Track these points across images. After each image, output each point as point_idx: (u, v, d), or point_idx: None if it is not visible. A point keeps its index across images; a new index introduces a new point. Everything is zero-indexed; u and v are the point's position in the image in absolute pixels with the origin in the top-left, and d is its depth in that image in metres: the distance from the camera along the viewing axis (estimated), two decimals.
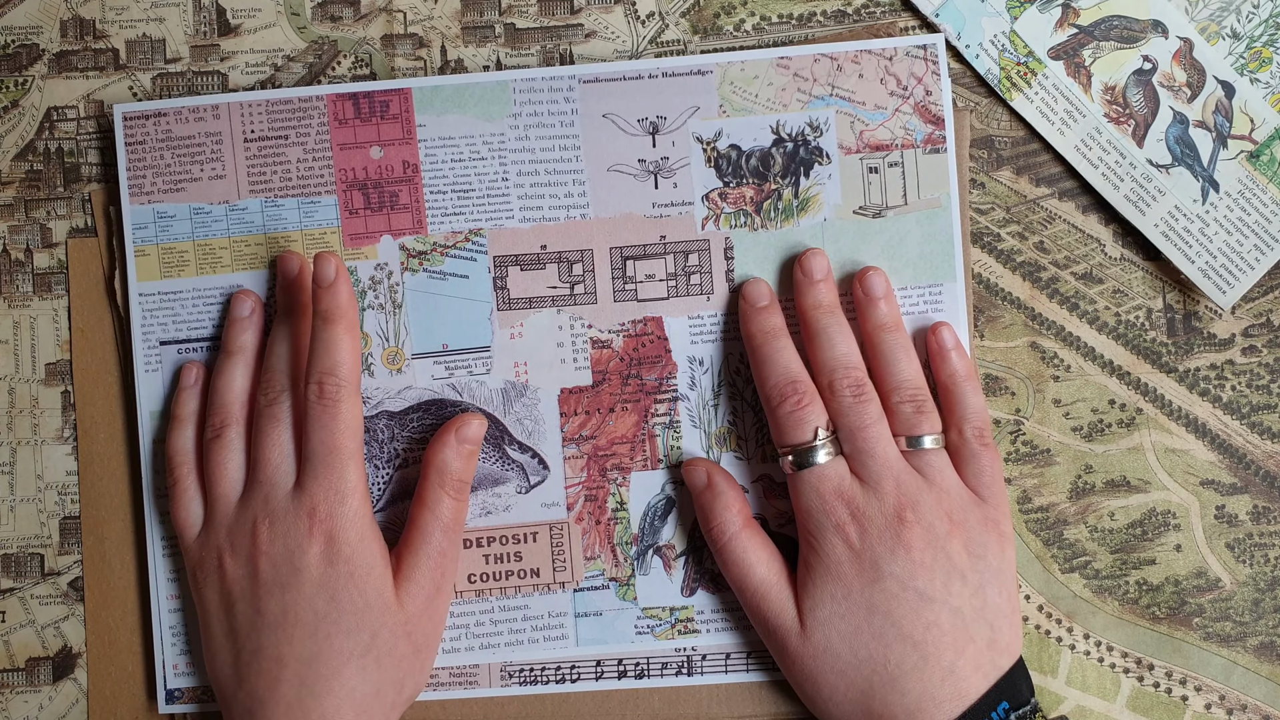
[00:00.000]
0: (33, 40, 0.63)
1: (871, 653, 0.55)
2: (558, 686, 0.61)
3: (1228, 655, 0.62)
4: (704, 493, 0.59)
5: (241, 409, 0.59)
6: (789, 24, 0.63)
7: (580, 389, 0.61)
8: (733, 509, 0.58)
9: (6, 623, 0.62)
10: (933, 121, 0.60)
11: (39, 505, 0.62)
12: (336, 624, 0.55)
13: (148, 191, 0.61)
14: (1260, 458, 0.62)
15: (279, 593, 0.56)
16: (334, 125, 0.61)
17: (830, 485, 0.56)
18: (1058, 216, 0.63)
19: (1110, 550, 0.62)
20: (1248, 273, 0.61)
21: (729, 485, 0.59)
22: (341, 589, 0.55)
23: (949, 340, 0.59)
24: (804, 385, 0.57)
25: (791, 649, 0.56)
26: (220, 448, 0.58)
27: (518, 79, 0.60)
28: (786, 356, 0.58)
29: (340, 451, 0.56)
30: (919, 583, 0.54)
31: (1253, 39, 0.61)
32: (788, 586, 0.57)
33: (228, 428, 0.59)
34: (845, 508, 0.55)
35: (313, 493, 0.56)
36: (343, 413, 0.56)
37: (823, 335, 0.58)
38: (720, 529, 0.58)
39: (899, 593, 0.54)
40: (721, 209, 0.61)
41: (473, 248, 0.61)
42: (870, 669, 0.55)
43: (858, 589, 0.55)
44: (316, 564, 0.56)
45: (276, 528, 0.56)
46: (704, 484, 0.59)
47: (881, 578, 0.55)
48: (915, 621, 0.54)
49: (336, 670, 0.55)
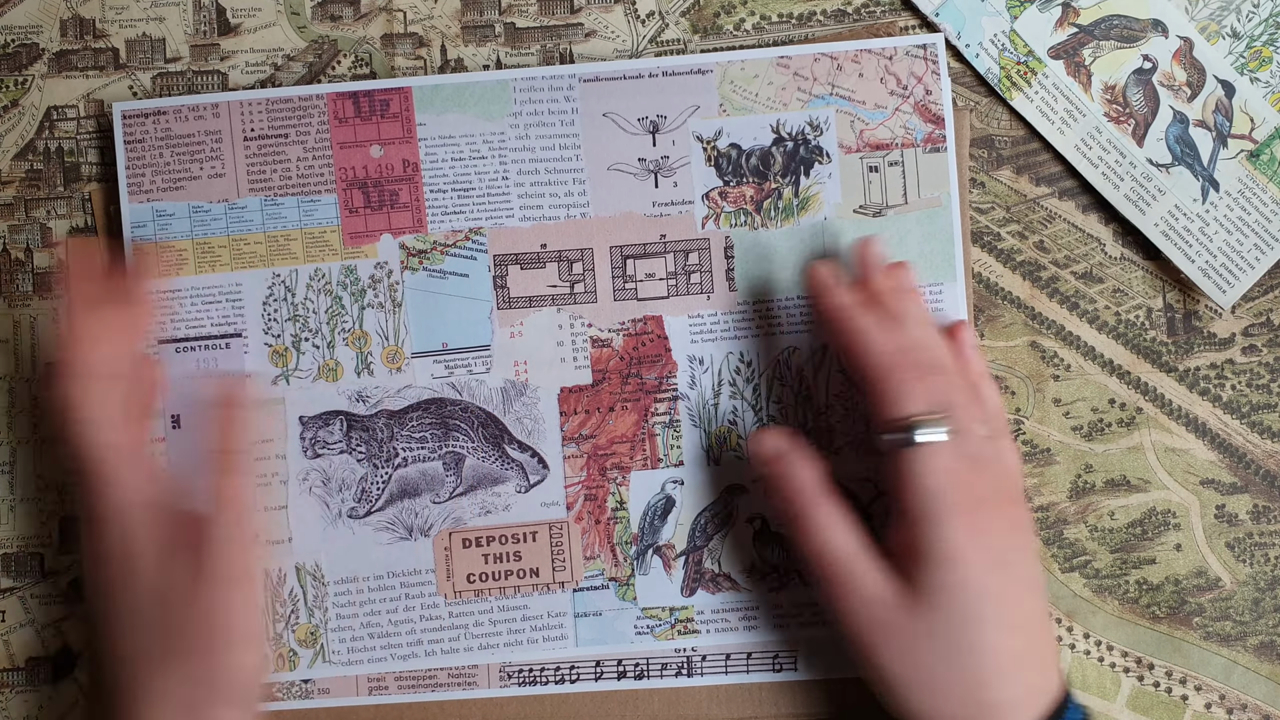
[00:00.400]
0: (33, 40, 0.63)
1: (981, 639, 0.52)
2: (557, 687, 0.61)
3: (1228, 655, 0.62)
4: (779, 460, 0.56)
5: None
6: (789, 23, 0.63)
7: (580, 388, 0.61)
8: (815, 473, 0.55)
9: (6, 623, 0.62)
10: (933, 121, 0.60)
11: (39, 505, 0.62)
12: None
13: (147, 190, 0.61)
14: (1260, 457, 0.62)
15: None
16: (334, 124, 0.61)
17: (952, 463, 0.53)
18: (1058, 216, 0.63)
19: (1110, 550, 0.62)
20: (1248, 272, 0.61)
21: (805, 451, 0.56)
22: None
23: (968, 339, 0.58)
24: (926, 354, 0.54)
25: (888, 620, 0.53)
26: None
27: (518, 78, 0.60)
28: (885, 330, 0.55)
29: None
30: (1023, 570, 0.53)
31: (1253, 38, 0.61)
32: (871, 552, 0.54)
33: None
34: (967, 491, 0.52)
35: None
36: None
37: (909, 317, 0.55)
38: (800, 492, 0.55)
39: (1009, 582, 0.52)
40: (722, 208, 0.61)
41: (473, 247, 0.61)
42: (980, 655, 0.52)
43: (975, 576, 0.52)
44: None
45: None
46: (777, 452, 0.56)
47: (995, 565, 0.52)
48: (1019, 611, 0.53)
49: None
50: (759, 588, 0.60)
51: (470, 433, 0.61)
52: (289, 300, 0.61)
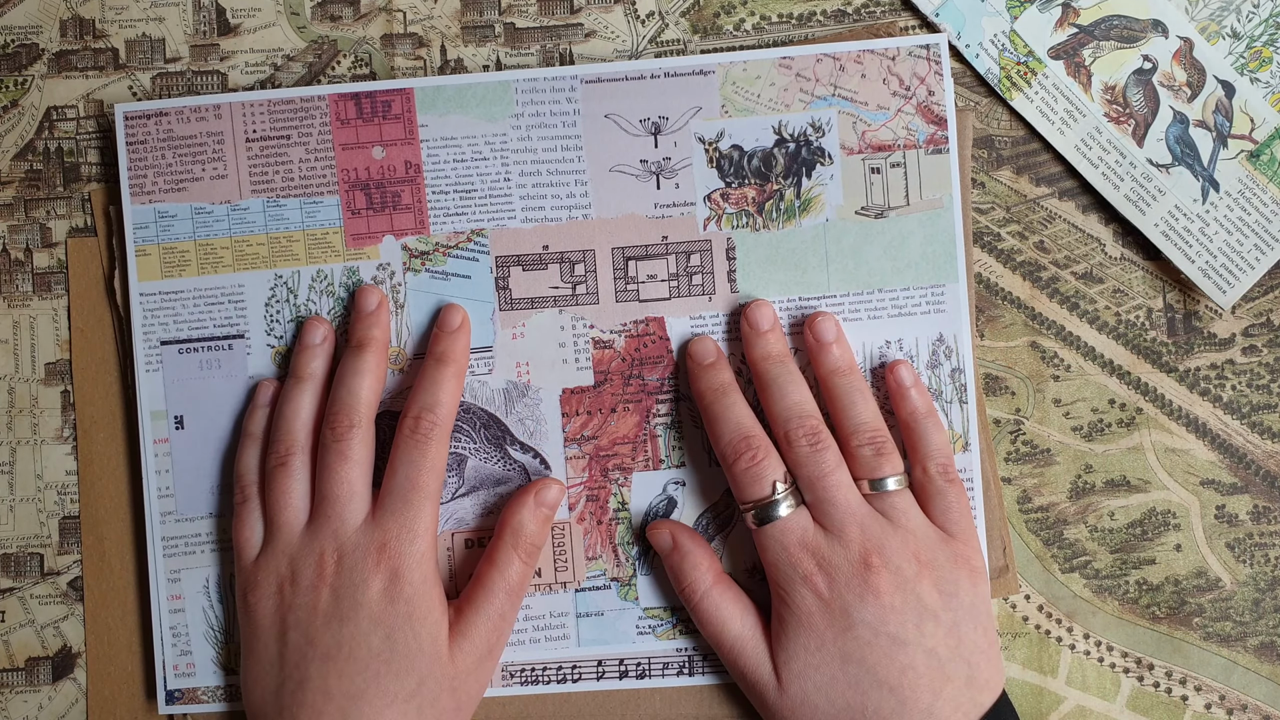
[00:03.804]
0: (32, 40, 0.63)
1: (849, 701, 0.54)
2: (559, 686, 0.61)
3: (1228, 655, 0.62)
4: (671, 554, 0.59)
5: (307, 437, 0.59)
6: (789, 23, 0.63)
7: (582, 389, 0.61)
8: (701, 567, 0.58)
9: (6, 623, 0.62)
10: (935, 122, 0.60)
11: (39, 505, 0.62)
12: (388, 664, 0.55)
13: (149, 191, 0.61)
14: (1260, 457, 0.62)
15: (336, 625, 0.55)
16: (336, 125, 0.60)
17: (794, 537, 0.56)
18: (1058, 216, 0.63)
19: (1110, 550, 0.62)
20: (1248, 272, 0.61)
21: (696, 544, 0.59)
22: (398, 629, 0.55)
23: (907, 378, 0.59)
24: (758, 439, 0.57)
25: (770, 703, 0.56)
26: (284, 475, 0.58)
27: (520, 79, 0.60)
28: (738, 412, 0.58)
29: (422, 490, 0.56)
30: (890, 627, 0.54)
31: (1253, 38, 0.62)
32: (763, 640, 0.57)
33: (293, 455, 0.58)
34: (811, 558, 0.55)
35: (387, 527, 0.56)
36: (432, 452, 0.57)
37: (774, 385, 0.58)
38: (692, 588, 0.58)
39: (871, 639, 0.54)
40: (723, 209, 0.61)
41: (475, 248, 0.61)
42: (849, 718, 0.54)
43: (830, 639, 0.55)
44: (378, 599, 0.55)
45: (345, 560, 0.56)
46: (670, 546, 0.59)
47: (853, 625, 0.54)
48: (890, 666, 0.54)
49: (379, 711, 0.54)
50: (760, 588, 0.60)
51: (472, 434, 0.61)
52: (291, 301, 0.61)
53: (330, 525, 0.56)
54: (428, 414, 0.57)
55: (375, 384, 0.59)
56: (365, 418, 0.58)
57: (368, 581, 0.55)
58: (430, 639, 0.55)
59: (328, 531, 0.56)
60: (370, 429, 0.58)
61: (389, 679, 0.54)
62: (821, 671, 0.55)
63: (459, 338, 0.59)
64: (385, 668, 0.55)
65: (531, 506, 0.58)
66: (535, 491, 0.58)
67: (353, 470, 0.57)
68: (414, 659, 0.55)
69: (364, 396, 0.58)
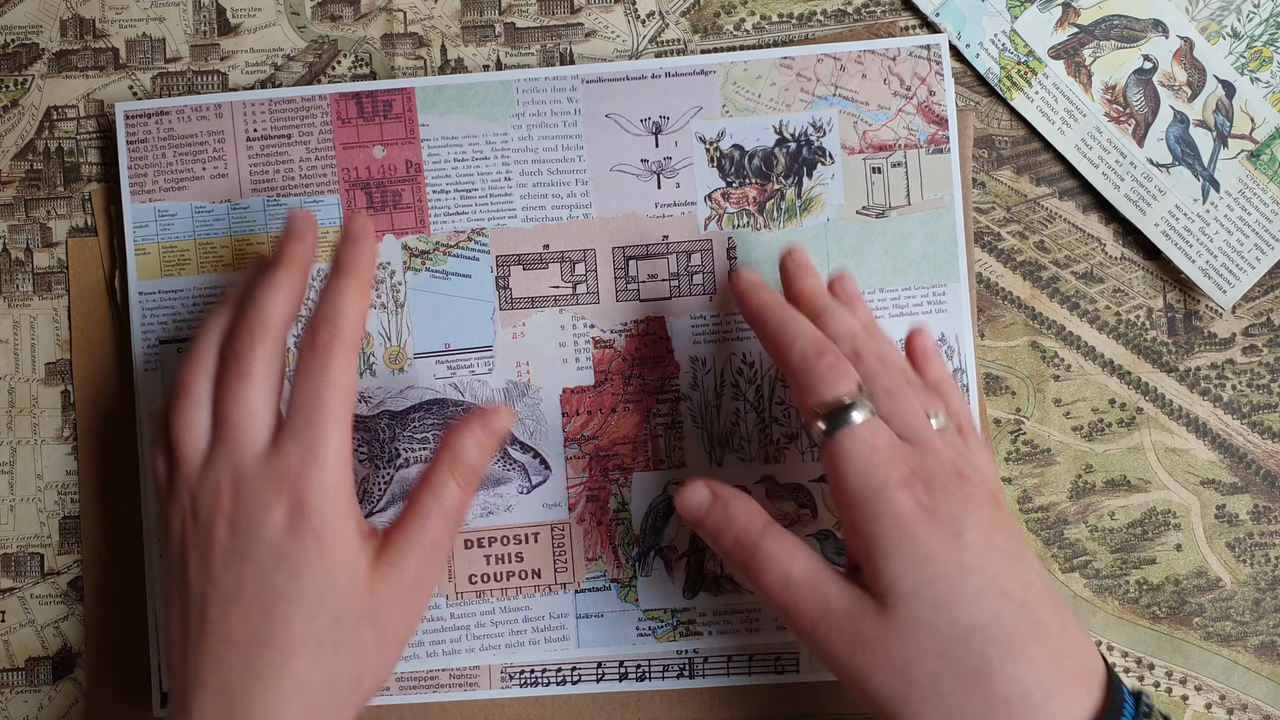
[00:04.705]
0: (33, 40, 0.63)
1: (975, 619, 0.46)
2: (558, 688, 0.61)
3: (1228, 655, 0.62)
4: (712, 508, 0.52)
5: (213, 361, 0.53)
6: (789, 23, 0.63)
7: (582, 389, 0.61)
8: (752, 509, 0.52)
9: (6, 623, 0.62)
10: (936, 122, 0.60)
11: (39, 505, 0.62)
12: (295, 604, 0.48)
13: (149, 190, 0.61)
14: (1261, 457, 0.62)
15: (237, 562, 0.49)
16: (337, 124, 0.60)
17: (884, 440, 0.49)
18: (1058, 216, 0.63)
19: (1110, 550, 0.62)
20: (1248, 272, 0.61)
21: (735, 491, 0.53)
22: (305, 564, 0.49)
23: (930, 345, 0.57)
24: (834, 348, 0.51)
25: (867, 634, 0.47)
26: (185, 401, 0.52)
27: (521, 79, 0.60)
28: (808, 323, 0.52)
29: (324, 408, 0.50)
30: (999, 540, 0.47)
31: (1253, 38, 0.62)
32: (835, 571, 0.49)
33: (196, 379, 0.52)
34: (904, 464, 0.48)
35: (288, 453, 0.49)
36: (333, 367, 0.50)
37: (829, 311, 0.53)
38: (747, 529, 0.51)
39: (986, 549, 0.47)
40: (724, 209, 0.61)
41: (475, 247, 0.61)
42: (983, 639, 0.45)
43: (941, 548, 0.46)
44: (280, 533, 0.49)
45: (243, 490, 0.49)
46: (708, 499, 0.52)
47: (964, 533, 0.47)
48: (1013, 578, 0.47)
49: (288, 656, 0.48)
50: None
51: None
52: None
53: (228, 452, 0.50)
54: (326, 325, 0.50)
55: (287, 301, 0.52)
56: (273, 336, 0.51)
57: (268, 513, 0.49)
58: (345, 573, 0.49)
59: (225, 460, 0.50)
60: (278, 349, 0.52)
61: (297, 621, 0.48)
62: (937, 587, 0.46)
63: (360, 246, 0.53)
64: (292, 609, 0.48)
65: (476, 430, 0.52)
66: (483, 415, 0.52)
67: (251, 391, 0.51)
68: (325, 597, 0.49)
69: (272, 312, 0.52)
